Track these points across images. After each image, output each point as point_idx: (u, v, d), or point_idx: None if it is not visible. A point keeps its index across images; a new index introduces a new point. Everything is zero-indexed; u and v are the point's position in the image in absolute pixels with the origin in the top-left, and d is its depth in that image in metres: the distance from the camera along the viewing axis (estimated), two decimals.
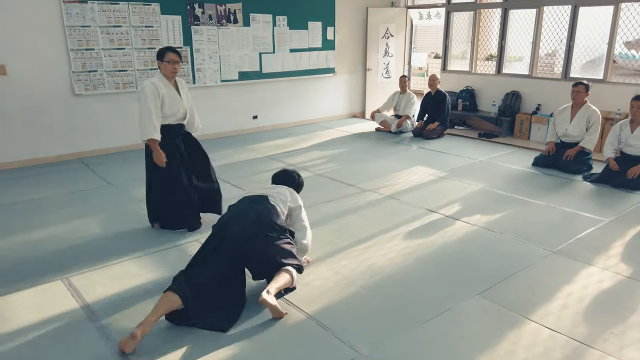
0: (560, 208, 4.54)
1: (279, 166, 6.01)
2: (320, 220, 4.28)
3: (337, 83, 9.05)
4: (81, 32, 6.07)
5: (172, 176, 3.92)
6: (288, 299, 3.00)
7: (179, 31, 6.87)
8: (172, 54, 3.81)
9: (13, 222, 4.24)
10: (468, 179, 5.44)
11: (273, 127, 8.32)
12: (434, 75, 7.64)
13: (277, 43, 7.94)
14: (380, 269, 3.40)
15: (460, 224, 4.18)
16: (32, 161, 6.11)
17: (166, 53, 3.79)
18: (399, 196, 4.90)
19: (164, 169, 3.86)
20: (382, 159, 6.36)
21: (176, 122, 3.96)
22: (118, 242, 3.85)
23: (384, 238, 3.91)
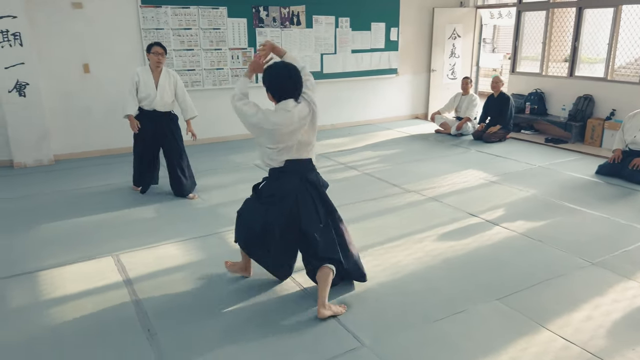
0: (613, 219, 4.27)
1: (327, 164, 6.16)
2: (356, 218, 4.36)
3: (399, 84, 9.02)
4: (155, 34, 6.61)
5: (135, 145, 4.95)
6: (305, 287, 3.14)
7: (244, 33, 7.24)
8: (156, 47, 4.63)
9: (84, 203, 4.75)
10: (520, 184, 5.25)
11: (332, 126, 8.48)
12: (498, 77, 7.40)
13: (338, 44, 8.09)
14: (403, 267, 3.43)
15: (498, 229, 4.08)
16: (110, 151, 6.73)
17: (152, 46, 4.63)
18: (442, 198, 4.84)
19: (136, 140, 4.91)
20: (434, 161, 6.29)
21: (149, 108, 4.75)
22: (167, 226, 4.19)
23: (415, 238, 3.92)
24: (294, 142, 2.80)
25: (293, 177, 2.84)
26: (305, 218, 2.84)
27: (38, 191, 5.15)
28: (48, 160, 6.19)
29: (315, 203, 2.89)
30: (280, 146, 2.78)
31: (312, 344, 2.59)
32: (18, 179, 5.60)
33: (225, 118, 7.40)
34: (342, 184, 5.35)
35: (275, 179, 2.89)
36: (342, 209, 4.50)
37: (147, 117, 4.79)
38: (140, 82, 4.67)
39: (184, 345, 2.58)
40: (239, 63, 7.30)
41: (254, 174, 5.74)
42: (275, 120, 2.73)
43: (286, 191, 2.82)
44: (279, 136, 2.75)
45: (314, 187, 2.90)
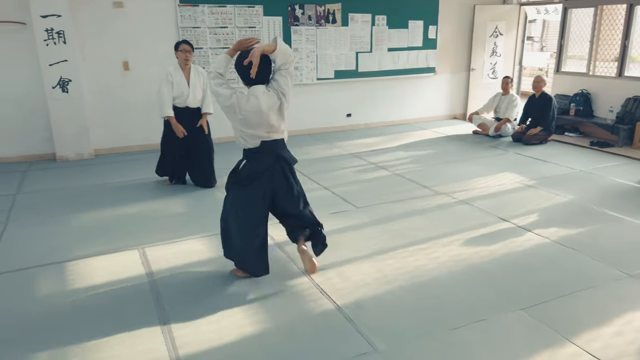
0: None
1: (358, 163, 6.10)
2: (382, 219, 4.29)
3: (437, 83, 8.82)
4: (192, 32, 6.73)
5: (167, 141, 5.06)
6: (323, 288, 3.10)
7: (279, 31, 7.26)
8: (183, 45, 4.77)
9: (118, 196, 4.89)
10: (558, 189, 5.01)
11: (367, 125, 8.40)
12: (540, 76, 7.10)
13: (375, 42, 7.99)
14: (425, 271, 3.34)
15: (530, 236, 3.90)
16: (147, 146, 6.91)
17: (180, 44, 4.78)
18: (473, 202, 4.69)
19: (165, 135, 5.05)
20: (469, 162, 6.10)
21: (182, 105, 4.89)
22: (193, 222, 4.25)
23: (440, 242, 3.80)
24: (264, 126, 2.97)
25: (268, 156, 3.04)
26: (281, 193, 3.11)
27: (77, 184, 5.34)
28: (88, 154, 6.42)
29: (290, 177, 3.14)
30: (251, 131, 2.96)
31: (323, 346, 2.56)
32: (59, 171, 5.83)
33: None
34: (371, 184, 5.27)
35: (252, 159, 3.06)
36: (369, 209, 4.49)
37: (180, 113, 4.94)
38: (173, 82, 4.81)
39: (195, 334, 2.61)
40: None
41: None
42: (245, 107, 2.89)
43: (262, 170, 3.03)
44: (249, 121, 2.92)
45: (287, 163, 3.12)
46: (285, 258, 3.55)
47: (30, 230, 4.06)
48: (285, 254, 3.62)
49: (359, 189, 5.13)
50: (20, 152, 6.24)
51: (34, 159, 6.29)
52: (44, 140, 6.28)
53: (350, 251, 3.65)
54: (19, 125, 6.14)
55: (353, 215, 4.39)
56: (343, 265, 3.43)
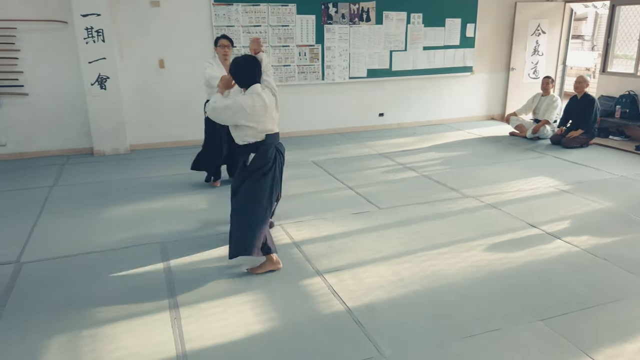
0: None
1: (387, 163, 6.01)
2: (404, 221, 4.21)
3: (474, 82, 8.58)
4: (226, 31, 6.81)
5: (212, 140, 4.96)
6: (335, 290, 3.07)
7: (312, 30, 7.25)
8: (222, 40, 4.72)
9: (149, 191, 5.01)
10: (595, 195, 4.77)
11: (399, 125, 8.27)
12: (582, 76, 6.78)
13: (409, 41, 7.85)
14: (443, 276, 3.25)
15: (559, 243, 3.73)
16: (182, 142, 7.06)
17: (219, 39, 4.74)
18: (502, 206, 4.53)
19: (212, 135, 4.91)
20: (502, 165, 5.90)
21: None
22: (220, 217, 4.30)
23: (462, 247, 3.69)
24: (268, 119, 3.23)
25: (271, 148, 3.29)
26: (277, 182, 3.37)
27: (111, 178, 5.51)
28: (124, 149, 6.62)
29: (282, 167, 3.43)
30: (259, 125, 3.19)
31: (328, 347, 2.53)
32: (96, 165, 6.04)
33: (290, 114, 7.51)
34: (397, 185, 5.18)
35: (259, 151, 3.26)
36: (392, 210, 4.41)
37: None
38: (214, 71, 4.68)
39: (203, 330, 2.63)
40: (306, 60, 7.33)
41: (309, 170, 5.75)
42: (251, 103, 3.11)
43: (271, 161, 3.28)
44: (257, 116, 3.15)
45: (280, 154, 3.38)
46: (301, 258, 3.54)
47: (61, 222, 4.23)
48: (302, 253, 3.61)
49: (384, 189, 5.05)
50: (60, 145, 6.51)
51: (73, 153, 6.55)
52: (83, 134, 6.53)
53: (368, 253, 3.60)
54: (60, 120, 6.41)
55: (375, 216, 4.33)
56: (359, 266, 3.38)
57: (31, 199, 4.79)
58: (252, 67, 3.19)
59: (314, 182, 5.30)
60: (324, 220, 4.23)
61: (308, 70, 7.41)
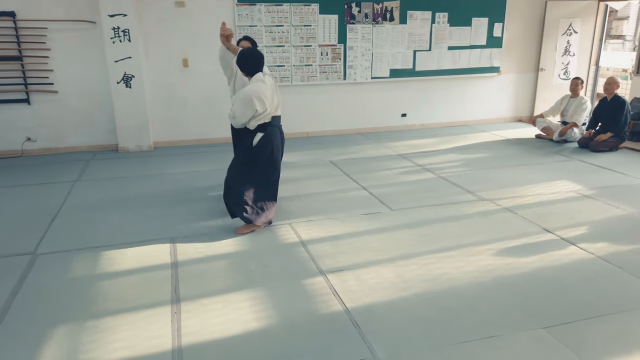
0: None
1: (404, 164, 5.95)
2: (414, 222, 4.16)
3: (501, 83, 8.39)
4: (249, 31, 6.89)
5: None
6: (336, 290, 3.06)
7: (335, 29, 7.25)
8: (244, 41, 4.51)
9: (165, 189, 5.12)
10: (619, 201, 4.59)
11: (422, 126, 8.17)
12: (612, 77, 6.52)
13: (434, 40, 7.75)
14: (447, 280, 3.19)
15: (573, 250, 3.61)
16: (204, 141, 7.19)
17: (241, 41, 4.52)
18: (519, 210, 4.41)
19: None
20: (524, 168, 5.75)
21: None
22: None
23: (471, 250, 3.62)
24: (275, 101, 3.80)
25: (276, 129, 3.90)
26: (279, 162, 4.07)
27: (133, 174, 5.65)
28: (147, 147, 6.79)
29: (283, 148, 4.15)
30: (270, 106, 3.72)
31: (322, 347, 2.52)
32: (119, 161, 6.22)
33: (311, 114, 7.53)
34: (411, 187, 5.13)
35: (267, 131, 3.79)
36: (403, 212, 4.37)
37: None
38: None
39: (201, 325, 2.68)
40: (328, 59, 7.33)
41: (326, 169, 5.75)
42: (257, 88, 3.64)
43: (275, 142, 3.87)
44: (266, 98, 3.66)
45: (281, 133, 4.06)
46: (306, 257, 3.54)
47: (79, 216, 4.37)
48: (308, 252, 3.61)
49: (399, 191, 5.00)
50: (87, 142, 6.73)
51: (99, 149, 6.76)
52: (109, 132, 6.73)
53: (373, 254, 3.57)
54: (87, 117, 6.62)
55: (386, 217, 4.30)
56: (362, 267, 3.37)
57: (55, 192, 4.97)
58: (256, 59, 3.76)
59: (329, 182, 5.30)
60: (334, 220, 4.23)
61: (330, 70, 7.41)
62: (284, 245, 3.73)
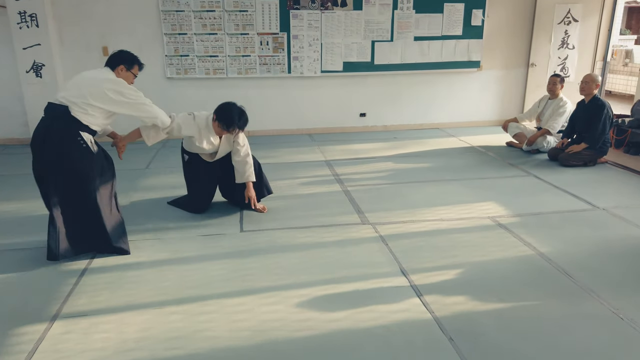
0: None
1: (320, 173, 5.07)
2: (247, 251, 3.32)
3: (482, 81, 7.22)
4: (175, 16, 6.24)
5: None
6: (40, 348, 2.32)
7: (276, 15, 6.42)
8: (139, 68, 3.34)
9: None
10: (536, 236, 3.50)
11: (385, 128, 7.17)
12: (590, 75, 5.24)
13: (397, 29, 6.73)
14: (200, 339, 2.36)
15: (410, 305, 2.64)
16: None
17: (136, 65, 3.28)
18: (395, 240, 3.45)
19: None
20: (459, 183, 4.69)
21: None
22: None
23: (277, 295, 2.75)
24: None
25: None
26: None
27: (27, 171, 5.17)
28: None
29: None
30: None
31: None
32: (25, 157, 5.76)
33: (251, 111, 6.70)
34: (297, 202, 4.25)
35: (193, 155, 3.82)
36: (252, 235, 3.61)
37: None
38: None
39: None
40: (269, 50, 6.53)
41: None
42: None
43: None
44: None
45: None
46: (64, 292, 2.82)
47: None
48: (73, 284, 2.88)
49: (277, 206, 4.15)
50: (1, 134, 6.36)
51: (14, 143, 6.37)
52: (23, 124, 6.31)
53: (143, 293, 2.79)
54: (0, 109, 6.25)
55: (225, 241, 3.48)
56: (109, 313, 2.60)
57: None
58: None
59: None
60: (162, 241, 3.47)
61: (272, 62, 6.60)
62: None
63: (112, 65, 3.19)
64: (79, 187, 3.04)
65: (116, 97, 3.05)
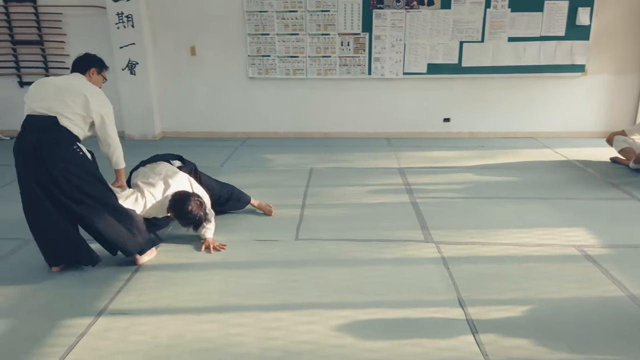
0: None
1: (391, 181, 4.82)
2: (299, 261, 3.19)
3: (588, 87, 6.44)
4: (258, 17, 6.29)
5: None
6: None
7: (358, 15, 6.23)
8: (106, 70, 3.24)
9: None
10: (629, 273, 2.97)
11: (471, 135, 6.68)
12: None
13: (489, 29, 6.21)
14: (225, 346, 2.27)
15: (459, 343, 2.33)
16: (210, 134, 6.83)
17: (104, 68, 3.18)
18: (458, 264, 3.12)
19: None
20: (544, 203, 4.18)
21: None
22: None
23: (313, 314, 2.58)
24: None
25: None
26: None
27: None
28: (152, 136, 6.66)
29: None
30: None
31: None
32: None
33: (328, 113, 6.66)
34: (361, 211, 4.05)
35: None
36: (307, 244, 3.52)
37: None
38: None
39: None
40: (350, 50, 6.36)
41: (294, 178, 4.92)
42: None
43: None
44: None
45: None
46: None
47: None
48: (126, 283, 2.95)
49: (338, 215, 3.98)
50: None
51: None
52: (118, 118, 6.70)
53: (187, 295, 2.77)
54: None
55: (277, 248, 3.39)
56: (151, 314, 2.61)
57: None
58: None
59: (273, 193, 4.47)
60: (220, 242, 3.46)
61: (352, 63, 6.43)
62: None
63: (83, 70, 3.05)
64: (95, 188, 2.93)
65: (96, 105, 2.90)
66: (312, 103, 6.63)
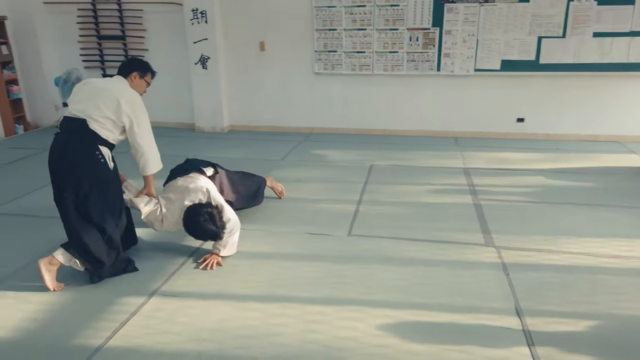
0: None
1: (455, 181, 4.62)
2: (346, 257, 3.13)
3: None
4: (327, 12, 6.27)
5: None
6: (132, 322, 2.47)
7: (428, 10, 6.03)
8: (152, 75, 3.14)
9: None
10: None
11: (547, 136, 6.26)
12: None
13: (571, 24, 5.78)
14: (266, 334, 2.27)
15: (512, 354, 2.17)
16: (277, 128, 6.93)
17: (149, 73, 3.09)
18: (519, 271, 2.92)
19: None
20: (620, 212, 3.83)
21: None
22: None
23: (362, 312, 2.52)
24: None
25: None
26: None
27: (187, 153, 5.71)
28: (221, 129, 6.86)
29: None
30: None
31: None
32: (188, 140, 6.38)
33: (395, 110, 6.52)
34: (420, 210, 3.92)
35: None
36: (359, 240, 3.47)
37: None
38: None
39: None
40: (419, 46, 6.18)
41: (352, 174, 4.87)
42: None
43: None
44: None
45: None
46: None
47: None
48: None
49: (397, 213, 3.88)
50: (174, 119, 7.15)
51: (182, 127, 7.12)
52: (190, 111, 7.02)
53: (237, 283, 2.80)
54: (174, 95, 6.98)
55: (327, 242, 3.35)
56: (192, 298, 2.67)
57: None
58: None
59: (329, 188, 4.44)
60: (269, 234, 3.49)
61: (420, 59, 6.25)
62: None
63: (125, 73, 2.99)
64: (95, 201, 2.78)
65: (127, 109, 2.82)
66: (377, 99, 6.53)
